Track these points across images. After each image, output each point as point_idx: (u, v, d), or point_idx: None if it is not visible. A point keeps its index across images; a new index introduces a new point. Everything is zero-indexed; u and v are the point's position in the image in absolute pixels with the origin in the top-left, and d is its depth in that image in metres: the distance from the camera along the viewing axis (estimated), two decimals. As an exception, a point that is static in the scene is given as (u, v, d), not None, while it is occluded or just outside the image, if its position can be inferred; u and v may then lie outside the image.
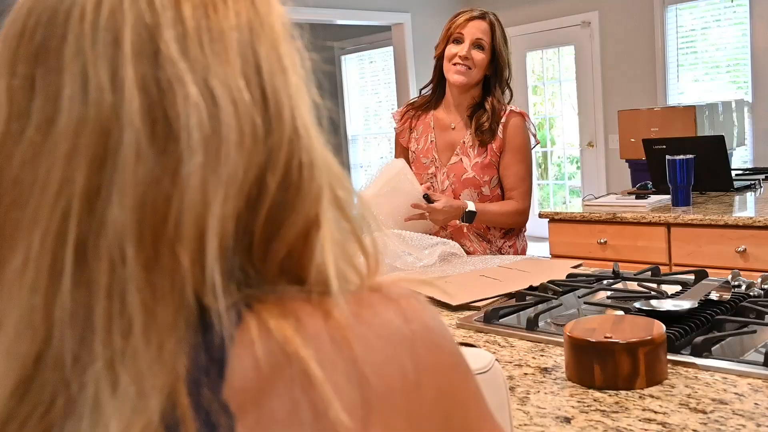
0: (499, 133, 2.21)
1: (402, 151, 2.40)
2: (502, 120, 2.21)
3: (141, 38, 0.40)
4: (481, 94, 2.25)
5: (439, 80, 2.30)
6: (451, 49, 2.19)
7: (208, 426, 0.39)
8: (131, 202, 0.39)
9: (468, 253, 2.22)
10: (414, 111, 2.36)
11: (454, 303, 1.62)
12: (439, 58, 2.25)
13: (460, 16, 2.22)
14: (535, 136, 2.29)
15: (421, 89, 2.39)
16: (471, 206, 2.14)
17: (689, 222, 2.70)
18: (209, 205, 0.40)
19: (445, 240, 2.10)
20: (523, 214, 2.27)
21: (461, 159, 2.24)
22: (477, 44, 2.18)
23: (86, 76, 0.40)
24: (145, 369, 0.39)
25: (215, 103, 0.41)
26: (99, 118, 0.40)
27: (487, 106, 2.21)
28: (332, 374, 0.41)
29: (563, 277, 1.76)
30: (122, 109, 0.40)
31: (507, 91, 2.28)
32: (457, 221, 2.17)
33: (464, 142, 2.25)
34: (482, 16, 2.20)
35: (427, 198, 2.10)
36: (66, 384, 0.40)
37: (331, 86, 8.24)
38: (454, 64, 2.18)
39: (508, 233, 2.30)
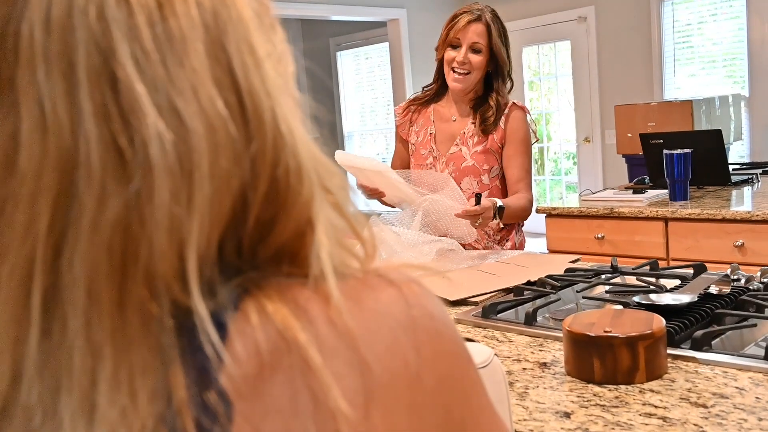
0: (501, 124, 2.24)
1: (402, 143, 2.44)
2: (505, 112, 2.25)
3: (95, 63, 0.37)
4: (483, 88, 2.29)
5: (441, 80, 2.34)
6: (450, 53, 2.23)
7: (205, 415, 0.38)
8: (98, 247, 0.37)
9: (464, 245, 2.22)
10: (416, 106, 2.40)
11: (451, 298, 1.61)
12: (440, 61, 2.29)
13: (457, 20, 2.23)
14: (534, 132, 2.32)
15: (424, 87, 2.43)
16: (499, 202, 2.12)
17: (687, 216, 2.70)
18: (185, 240, 0.38)
19: (442, 237, 2.10)
20: (532, 205, 2.30)
21: (461, 149, 2.27)
22: (474, 48, 2.21)
23: (43, 108, 0.37)
24: (117, 419, 0.37)
25: (182, 124, 0.38)
26: (60, 156, 0.37)
27: (491, 102, 2.24)
28: (332, 361, 0.40)
29: (561, 272, 1.75)
30: (80, 146, 0.37)
31: (508, 82, 2.31)
32: (489, 222, 2.13)
33: (464, 133, 2.28)
34: (479, 18, 2.21)
35: (478, 198, 2.06)
36: None
37: (326, 82, 8.22)
38: (453, 69, 2.22)
39: (506, 226, 2.30)
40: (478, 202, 2.03)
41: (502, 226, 2.23)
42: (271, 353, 0.39)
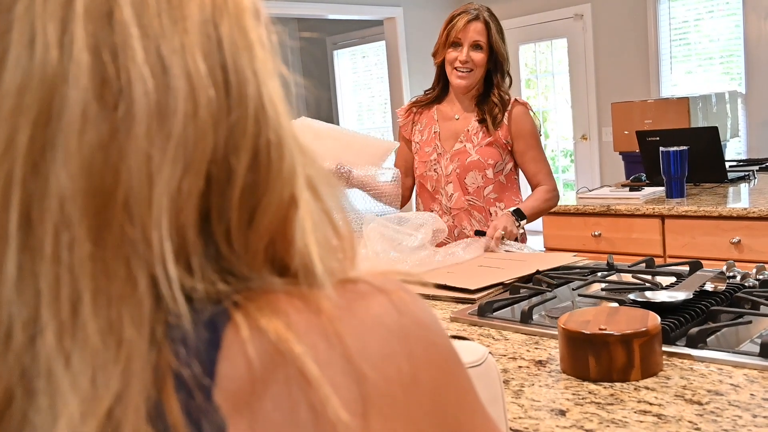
0: (504, 121, 2.29)
1: (405, 142, 2.47)
2: (508, 107, 2.30)
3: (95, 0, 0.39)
4: (484, 86, 2.33)
5: (443, 82, 2.38)
6: (451, 53, 2.27)
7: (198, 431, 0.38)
8: (77, 166, 0.38)
9: (467, 236, 2.26)
10: (417, 107, 2.45)
11: (473, 287, 1.63)
12: (441, 64, 2.34)
13: (456, 20, 2.27)
14: (539, 127, 2.36)
15: (426, 91, 2.48)
16: (512, 209, 2.19)
17: (683, 213, 2.70)
18: (154, 180, 0.39)
19: (426, 222, 2.10)
20: (556, 193, 2.34)
21: (465, 145, 2.31)
22: (475, 45, 2.26)
23: (34, 33, 0.38)
24: (98, 341, 0.37)
25: (165, 72, 0.39)
26: (44, 76, 0.38)
27: (495, 99, 2.29)
28: (328, 371, 0.40)
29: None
30: (69, 68, 0.38)
31: (507, 78, 2.35)
32: (515, 225, 2.17)
33: (468, 130, 2.32)
34: (477, 17, 2.26)
35: (480, 233, 2.16)
36: (19, 360, 0.38)
37: (323, 81, 8.22)
38: (456, 68, 2.27)
39: None
40: (482, 235, 2.12)
41: (522, 229, 2.26)
42: (265, 367, 0.39)
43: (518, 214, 2.18)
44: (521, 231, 2.21)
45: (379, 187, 2.28)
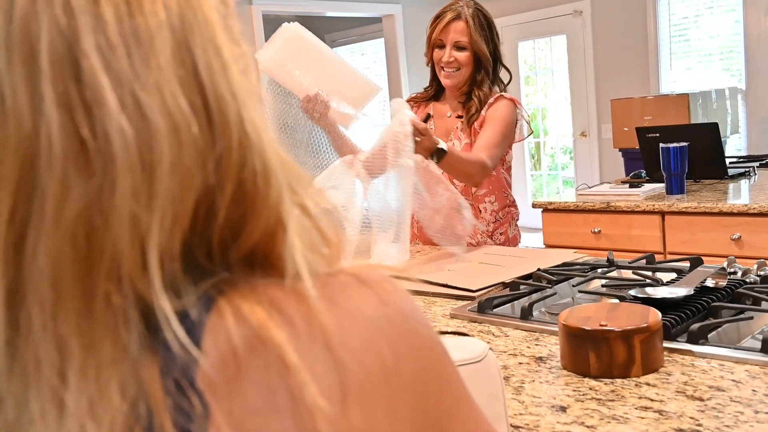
0: (483, 112, 2.26)
1: None
2: (490, 100, 2.25)
3: (58, 51, 0.37)
4: (474, 84, 2.30)
5: (437, 81, 2.37)
6: (437, 54, 2.28)
7: (182, 415, 0.38)
8: (59, 239, 0.37)
9: (459, 236, 2.24)
10: (415, 103, 2.45)
11: (474, 288, 1.63)
12: (432, 63, 2.34)
13: (438, 21, 2.26)
14: (529, 124, 2.33)
15: (425, 88, 2.48)
16: (442, 144, 1.96)
17: (683, 210, 2.69)
18: (145, 237, 0.38)
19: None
20: (485, 170, 2.13)
21: (453, 143, 2.30)
22: (457, 46, 2.24)
23: (3, 96, 0.37)
24: (86, 412, 0.37)
25: (145, 119, 0.37)
26: (20, 144, 0.37)
27: (474, 97, 2.27)
28: (308, 359, 0.40)
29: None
30: (42, 138, 0.36)
31: (503, 72, 2.32)
32: (429, 159, 1.97)
33: (457, 127, 2.32)
34: (458, 16, 2.23)
35: (426, 119, 2.11)
36: (10, 430, 0.38)
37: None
38: (442, 68, 2.28)
39: (498, 219, 2.32)
40: (425, 121, 1.98)
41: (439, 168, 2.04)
42: (247, 353, 0.40)
43: (439, 153, 1.94)
44: (430, 162, 1.98)
45: (349, 143, 2.23)
